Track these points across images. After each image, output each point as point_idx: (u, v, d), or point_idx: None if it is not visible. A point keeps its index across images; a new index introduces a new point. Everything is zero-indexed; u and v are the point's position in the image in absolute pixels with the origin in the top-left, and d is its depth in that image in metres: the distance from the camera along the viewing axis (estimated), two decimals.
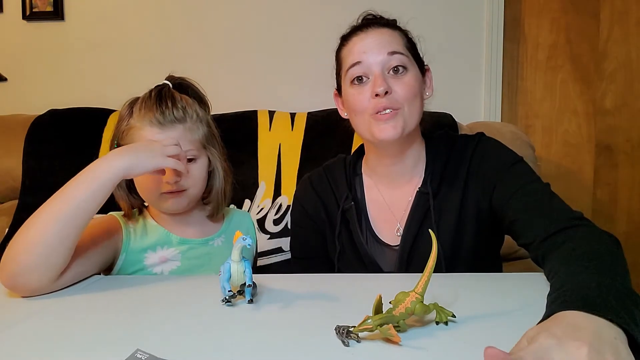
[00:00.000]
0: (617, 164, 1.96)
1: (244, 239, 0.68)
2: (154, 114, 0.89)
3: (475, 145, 0.95)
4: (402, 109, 0.90)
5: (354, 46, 0.94)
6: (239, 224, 1.06)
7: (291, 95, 1.87)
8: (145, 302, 0.73)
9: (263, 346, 0.57)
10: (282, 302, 0.71)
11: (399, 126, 0.90)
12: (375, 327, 0.56)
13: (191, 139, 0.92)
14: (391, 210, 0.98)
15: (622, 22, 1.91)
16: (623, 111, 1.93)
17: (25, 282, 0.73)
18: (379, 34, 0.93)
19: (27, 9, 1.90)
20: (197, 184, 0.94)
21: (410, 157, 0.98)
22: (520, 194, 0.86)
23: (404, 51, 0.92)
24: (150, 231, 0.96)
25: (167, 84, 0.96)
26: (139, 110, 0.90)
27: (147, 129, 0.89)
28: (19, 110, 1.75)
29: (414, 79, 0.92)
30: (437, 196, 0.93)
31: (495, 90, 1.87)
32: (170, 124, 0.90)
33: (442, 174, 0.95)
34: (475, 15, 1.85)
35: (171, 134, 0.89)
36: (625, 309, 0.52)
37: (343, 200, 0.99)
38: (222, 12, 1.88)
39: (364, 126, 0.93)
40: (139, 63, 1.87)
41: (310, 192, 1.05)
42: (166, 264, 0.94)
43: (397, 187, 0.99)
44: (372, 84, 0.90)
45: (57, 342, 0.59)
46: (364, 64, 0.91)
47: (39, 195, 1.38)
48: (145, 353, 0.53)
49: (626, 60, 1.92)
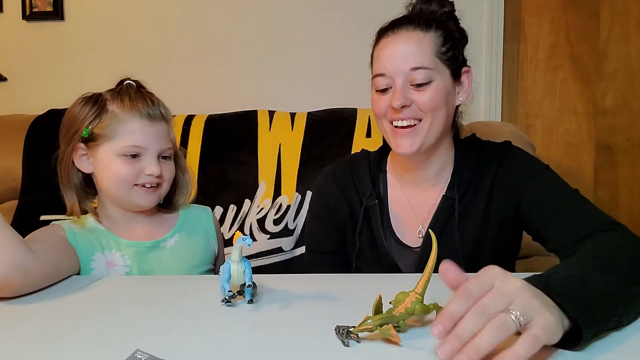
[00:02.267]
0: (617, 164, 1.96)
1: (244, 239, 0.68)
2: (143, 106, 0.90)
3: (502, 154, 0.95)
4: (424, 120, 0.89)
5: (382, 51, 0.91)
6: (197, 221, 1.03)
7: (291, 95, 1.87)
8: (145, 302, 0.73)
9: (263, 346, 0.57)
10: (282, 302, 0.71)
11: (416, 143, 0.89)
12: (375, 327, 0.56)
13: (170, 138, 0.95)
14: (414, 211, 0.98)
15: (622, 22, 1.91)
16: (623, 111, 1.93)
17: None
18: (407, 41, 0.89)
19: (27, 9, 1.90)
20: (169, 182, 0.95)
21: (436, 163, 0.97)
22: (549, 200, 0.86)
23: (431, 62, 0.88)
24: (95, 235, 0.93)
25: (132, 83, 0.96)
26: (121, 102, 0.90)
27: (137, 121, 0.89)
28: (19, 110, 1.75)
29: (439, 90, 0.89)
30: (462, 202, 0.93)
31: (495, 90, 1.87)
32: (158, 119, 0.92)
33: (469, 181, 0.94)
34: (475, 15, 1.85)
35: (159, 130, 0.92)
36: (590, 307, 0.53)
37: (367, 197, 0.98)
38: (222, 12, 1.88)
39: (385, 131, 0.95)
40: (139, 63, 1.88)
41: (333, 186, 1.03)
42: (113, 270, 0.92)
43: (422, 190, 0.98)
44: (391, 96, 0.89)
45: (57, 342, 0.59)
46: (387, 75, 0.89)
47: (39, 195, 1.38)
48: (145, 353, 0.53)
49: (626, 59, 1.91)
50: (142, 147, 0.89)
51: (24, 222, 1.47)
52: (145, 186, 0.91)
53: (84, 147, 0.91)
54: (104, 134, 0.89)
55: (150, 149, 0.90)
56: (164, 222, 0.99)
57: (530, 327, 0.47)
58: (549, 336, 0.48)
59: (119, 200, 0.93)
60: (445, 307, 0.49)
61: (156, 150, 0.91)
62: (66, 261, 0.85)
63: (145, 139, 0.89)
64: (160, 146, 0.91)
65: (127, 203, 0.93)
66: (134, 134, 0.89)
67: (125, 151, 0.88)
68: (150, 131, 0.90)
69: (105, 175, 0.91)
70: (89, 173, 0.93)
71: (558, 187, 0.88)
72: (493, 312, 0.47)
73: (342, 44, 1.84)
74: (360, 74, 1.01)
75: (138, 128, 0.89)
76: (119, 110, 0.90)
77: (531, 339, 0.46)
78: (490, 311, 0.47)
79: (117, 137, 0.89)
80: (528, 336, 0.46)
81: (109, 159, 0.89)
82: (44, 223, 1.45)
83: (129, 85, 0.95)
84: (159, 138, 0.91)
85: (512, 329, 0.47)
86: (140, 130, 0.89)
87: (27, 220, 1.47)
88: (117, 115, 0.89)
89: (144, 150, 0.90)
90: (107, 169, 0.90)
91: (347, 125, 1.55)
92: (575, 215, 0.82)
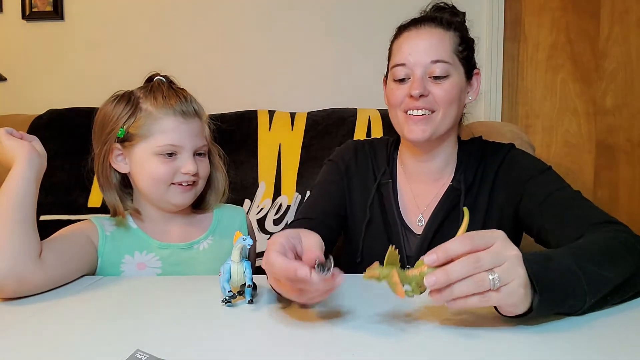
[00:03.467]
0: (617, 164, 1.96)
1: (244, 239, 0.68)
2: (176, 103, 0.89)
3: (504, 154, 0.98)
4: (437, 112, 0.93)
5: (403, 43, 0.94)
6: (230, 223, 1.02)
7: (291, 95, 1.87)
8: (145, 303, 0.73)
9: (263, 346, 0.57)
10: (282, 302, 0.71)
11: (428, 130, 0.92)
12: (383, 277, 0.57)
13: (204, 135, 0.94)
14: (415, 200, 1.01)
15: (622, 22, 1.91)
16: (623, 111, 1.93)
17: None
18: (429, 36, 0.93)
19: (27, 9, 1.90)
20: (204, 179, 0.95)
21: (441, 156, 1.00)
22: (550, 200, 0.87)
23: (450, 58, 0.92)
24: (129, 235, 0.93)
25: (163, 79, 0.96)
26: (154, 100, 0.90)
27: (172, 119, 0.89)
28: (19, 110, 1.75)
29: (454, 85, 0.92)
30: (467, 195, 0.96)
31: (495, 90, 1.87)
32: (192, 116, 0.91)
33: (473, 176, 0.97)
34: (475, 15, 1.84)
35: (194, 127, 0.91)
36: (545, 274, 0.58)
37: (382, 174, 1.02)
38: (222, 12, 1.88)
39: (397, 120, 0.97)
40: (138, 63, 1.87)
41: (352, 155, 1.06)
42: (144, 271, 0.92)
43: (424, 182, 1.01)
44: (410, 85, 0.92)
45: (58, 342, 0.59)
46: (407, 66, 0.92)
47: (39, 195, 1.38)
48: (146, 353, 0.53)
49: (626, 59, 1.91)
50: (177, 145, 0.89)
51: None
52: (182, 185, 0.90)
53: (119, 147, 0.91)
54: (139, 134, 0.89)
55: (186, 147, 0.90)
56: (198, 224, 0.99)
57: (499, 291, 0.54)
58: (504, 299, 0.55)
59: (156, 200, 0.93)
60: (446, 243, 0.55)
61: (191, 148, 0.90)
62: (79, 265, 0.85)
63: (180, 137, 0.89)
64: (196, 143, 0.91)
65: (163, 202, 0.93)
66: (169, 133, 0.88)
67: (161, 150, 0.88)
68: (185, 129, 0.89)
69: (142, 175, 0.90)
70: (126, 173, 0.93)
71: (558, 188, 0.88)
72: (482, 267, 0.54)
73: (342, 44, 1.84)
74: (361, 74, 1.01)
75: (173, 126, 0.89)
76: (153, 108, 0.89)
77: (484, 297, 0.54)
78: (481, 265, 0.54)
79: (153, 136, 0.89)
80: (483, 295, 0.54)
81: (145, 159, 0.89)
82: (43, 223, 1.46)
83: (160, 81, 0.94)
84: (193, 135, 0.91)
85: (486, 287, 0.54)
86: (175, 128, 0.89)
87: None
88: (151, 114, 0.89)
89: (179, 149, 0.89)
90: (143, 168, 0.90)
91: (347, 125, 1.55)
92: (575, 215, 0.83)
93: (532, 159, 0.97)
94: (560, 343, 0.56)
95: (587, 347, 0.55)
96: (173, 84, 0.96)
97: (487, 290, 0.54)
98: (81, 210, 1.47)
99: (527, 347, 0.55)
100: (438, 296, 0.55)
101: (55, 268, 0.79)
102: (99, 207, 1.47)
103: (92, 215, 0.97)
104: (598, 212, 0.83)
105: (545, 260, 0.61)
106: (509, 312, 0.58)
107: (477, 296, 0.54)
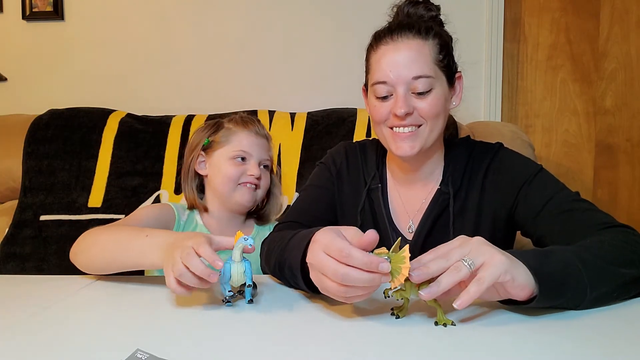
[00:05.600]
0: (617, 164, 1.96)
1: (245, 239, 0.68)
2: (252, 125, 1.16)
3: (492, 155, 0.95)
4: (424, 126, 0.90)
5: (382, 59, 0.90)
6: (265, 235, 1.06)
7: (291, 95, 1.87)
8: (146, 302, 0.73)
9: (263, 346, 0.57)
10: (282, 302, 0.71)
11: (416, 146, 0.90)
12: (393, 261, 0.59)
13: (269, 154, 1.20)
14: (405, 206, 1.00)
15: (622, 22, 1.91)
16: (623, 111, 1.94)
17: (82, 268, 0.88)
18: (407, 49, 0.88)
19: (27, 9, 1.90)
20: (264, 189, 1.16)
21: (429, 165, 0.98)
22: (548, 208, 0.85)
23: (431, 71, 0.89)
24: (194, 228, 1.12)
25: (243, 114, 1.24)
26: (235, 122, 1.17)
27: (245, 133, 1.15)
28: (19, 110, 1.75)
29: (439, 97, 0.90)
30: (456, 198, 0.94)
31: (495, 90, 1.87)
32: (262, 136, 1.17)
33: (462, 177, 0.95)
34: (475, 15, 1.85)
35: (262, 143, 1.16)
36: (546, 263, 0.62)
37: (371, 178, 1.01)
38: (222, 12, 1.88)
39: (383, 136, 0.95)
40: (138, 63, 1.87)
41: (344, 157, 1.06)
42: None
43: (413, 188, 1.00)
44: (393, 103, 0.89)
45: (58, 342, 0.59)
46: (389, 83, 0.89)
47: (39, 196, 1.38)
48: (146, 353, 0.53)
49: (626, 60, 1.92)
50: (248, 152, 1.13)
51: (24, 222, 1.47)
52: (247, 185, 1.12)
53: (203, 154, 1.17)
54: (219, 141, 1.15)
55: (254, 155, 1.14)
56: (249, 231, 1.18)
57: (479, 272, 0.59)
58: (493, 272, 0.58)
59: (225, 197, 1.13)
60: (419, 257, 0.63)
61: (258, 158, 1.14)
62: None
63: (251, 147, 1.14)
64: (262, 155, 1.15)
65: (230, 200, 1.13)
66: (243, 142, 1.14)
67: (234, 155, 1.12)
68: (255, 142, 1.15)
69: (217, 175, 1.13)
70: (204, 176, 1.17)
71: (556, 192, 0.87)
72: (452, 260, 0.60)
73: (342, 44, 1.84)
74: (361, 74, 1.00)
75: (246, 138, 1.14)
76: (232, 125, 1.17)
77: (476, 281, 0.58)
78: (450, 257, 0.61)
79: (230, 143, 1.14)
80: (475, 280, 0.58)
81: (222, 161, 1.13)
82: (44, 223, 1.46)
83: (242, 113, 1.23)
84: (261, 149, 1.16)
85: (466, 271, 0.59)
86: (248, 139, 1.14)
87: (27, 220, 1.47)
88: (231, 129, 1.16)
89: (249, 156, 1.13)
90: (219, 169, 1.13)
91: (347, 125, 1.55)
92: (577, 221, 0.82)
93: (522, 160, 0.95)
94: (563, 341, 0.56)
95: (587, 348, 0.55)
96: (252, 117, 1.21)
97: (467, 274, 0.59)
98: (81, 210, 1.47)
99: (531, 348, 0.55)
100: (427, 290, 0.59)
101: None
102: (99, 207, 1.47)
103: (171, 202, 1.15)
104: (600, 215, 0.82)
105: (546, 253, 0.65)
106: (514, 292, 0.61)
107: (473, 285, 0.58)
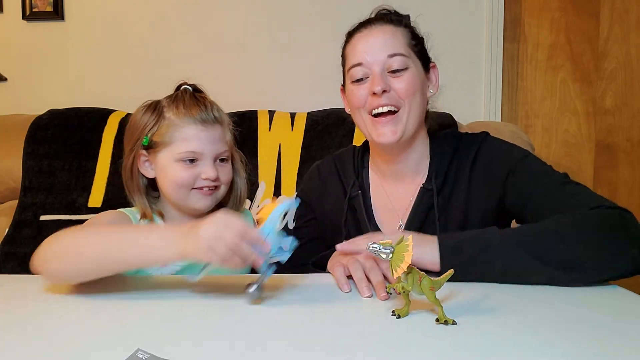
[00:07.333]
0: (617, 164, 1.96)
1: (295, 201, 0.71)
2: (197, 112, 0.93)
3: (479, 144, 0.95)
4: (403, 108, 0.90)
5: (357, 44, 0.94)
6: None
7: (291, 95, 1.87)
8: (146, 302, 0.73)
9: (264, 346, 0.57)
10: (282, 302, 0.71)
11: (398, 130, 0.90)
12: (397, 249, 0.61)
13: (226, 140, 0.98)
14: (393, 205, 0.98)
15: (622, 22, 1.91)
16: (623, 110, 1.94)
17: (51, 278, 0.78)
18: (381, 33, 0.92)
19: (27, 9, 1.90)
20: (226, 184, 0.98)
21: (414, 155, 0.97)
22: (537, 193, 0.85)
23: (405, 51, 0.91)
24: None
25: (189, 88, 0.99)
26: (176, 109, 0.94)
27: (192, 127, 0.93)
28: (19, 110, 1.75)
29: (415, 77, 0.91)
30: (441, 194, 0.93)
31: (495, 90, 1.87)
32: (212, 123, 0.95)
33: (447, 172, 0.94)
34: (475, 15, 1.85)
35: (214, 134, 0.95)
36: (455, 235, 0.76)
37: (350, 187, 1.00)
38: (222, 12, 1.88)
39: (364, 125, 0.95)
40: (138, 63, 1.87)
41: (317, 181, 1.07)
42: (165, 269, 0.93)
43: (400, 184, 0.99)
44: (370, 83, 0.90)
45: (58, 342, 0.59)
46: (364, 65, 0.91)
47: (39, 195, 1.38)
48: (146, 353, 0.53)
49: (626, 60, 1.92)
50: (198, 152, 0.93)
51: (24, 222, 1.47)
52: (203, 190, 0.94)
53: (145, 153, 0.96)
54: (162, 141, 0.94)
55: (207, 154, 0.93)
56: None
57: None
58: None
59: (179, 204, 0.97)
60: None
61: (212, 155, 0.94)
62: None
63: (200, 145, 0.93)
64: (216, 150, 0.94)
65: (185, 206, 0.96)
66: (190, 140, 0.92)
67: (182, 157, 0.92)
68: (205, 136, 0.93)
69: (165, 180, 0.95)
70: (152, 178, 0.98)
71: (541, 175, 0.87)
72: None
73: (342, 44, 1.83)
74: None
75: (193, 134, 0.93)
76: (174, 117, 0.94)
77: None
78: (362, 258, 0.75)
79: (174, 143, 0.93)
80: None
81: (168, 165, 0.93)
82: (44, 223, 1.46)
83: (185, 90, 0.99)
84: (214, 142, 0.94)
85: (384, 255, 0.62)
86: (195, 136, 0.93)
87: (27, 220, 1.47)
88: (173, 122, 0.93)
89: (200, 155, 0.93)
90: (166, 173, 0.94)
91: (347, 125, 1.55)
92: (565, 205, 0.81)
93: (507, 147, 0.95)
94: (559, 340, 0.56)
95: (586, 347, 0.55)
96: (198, 92, 1.00)
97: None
98: (81, 210, 1.47)
99: (531, 348, 0.55)
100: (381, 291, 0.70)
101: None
102: (99, 207, 1.47)
103: (122, 209, 0.99)
104: (589, 197, 0.81)
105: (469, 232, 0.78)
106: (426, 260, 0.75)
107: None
